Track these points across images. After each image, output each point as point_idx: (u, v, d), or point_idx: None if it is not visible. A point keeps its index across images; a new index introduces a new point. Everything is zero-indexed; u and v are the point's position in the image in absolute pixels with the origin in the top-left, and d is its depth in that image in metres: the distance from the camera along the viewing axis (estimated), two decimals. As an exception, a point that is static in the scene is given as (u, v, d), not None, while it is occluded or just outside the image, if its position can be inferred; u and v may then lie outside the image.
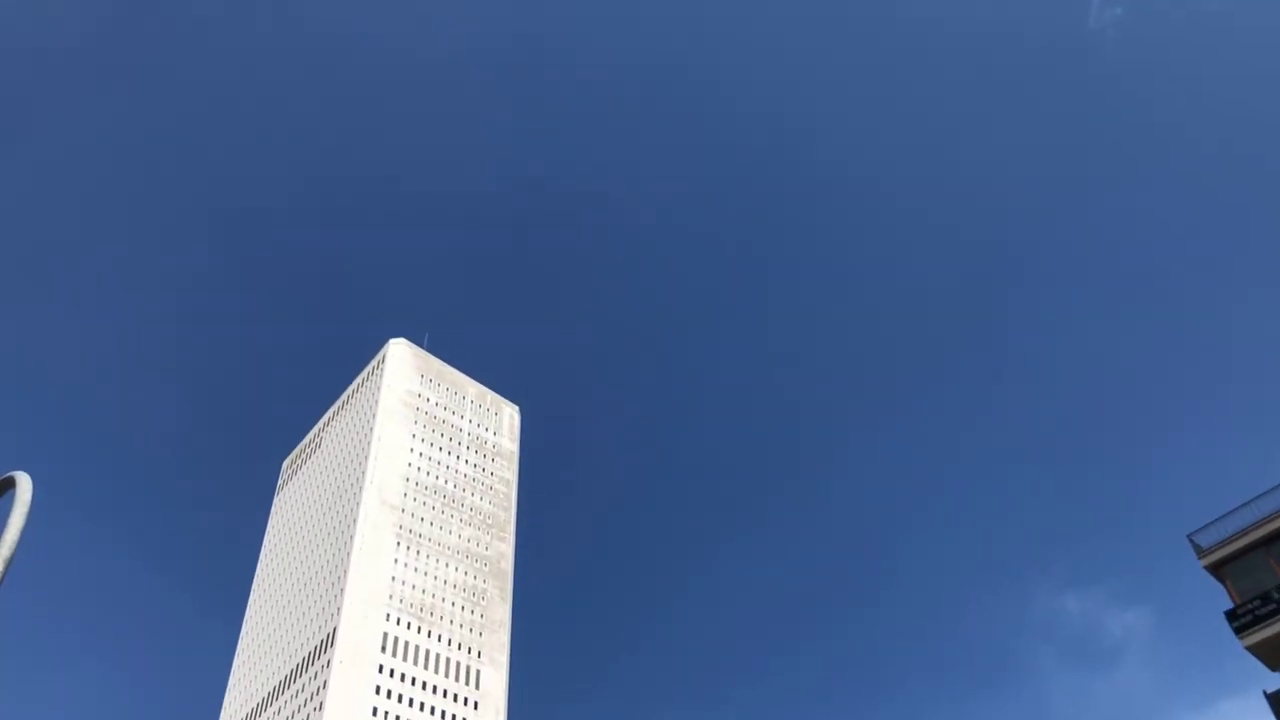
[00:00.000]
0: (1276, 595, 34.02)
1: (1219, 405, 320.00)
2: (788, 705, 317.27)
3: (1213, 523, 36.92)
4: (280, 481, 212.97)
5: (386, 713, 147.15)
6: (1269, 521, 35.52)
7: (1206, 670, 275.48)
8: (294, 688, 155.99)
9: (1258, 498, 36.12)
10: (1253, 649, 34.52)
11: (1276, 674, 35.03)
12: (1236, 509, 36.51)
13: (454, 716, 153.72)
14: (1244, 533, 35.82)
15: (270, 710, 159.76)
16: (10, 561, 13.81)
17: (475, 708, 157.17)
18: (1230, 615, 34.85)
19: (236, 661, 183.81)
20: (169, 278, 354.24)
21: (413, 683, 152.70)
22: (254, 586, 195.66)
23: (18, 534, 13.91)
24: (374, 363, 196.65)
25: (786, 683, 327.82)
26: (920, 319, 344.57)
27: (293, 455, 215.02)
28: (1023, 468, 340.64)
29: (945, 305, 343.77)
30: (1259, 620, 33.92)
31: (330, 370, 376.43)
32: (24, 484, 14.40)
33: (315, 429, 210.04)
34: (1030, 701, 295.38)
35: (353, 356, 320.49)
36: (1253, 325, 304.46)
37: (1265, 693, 33.29)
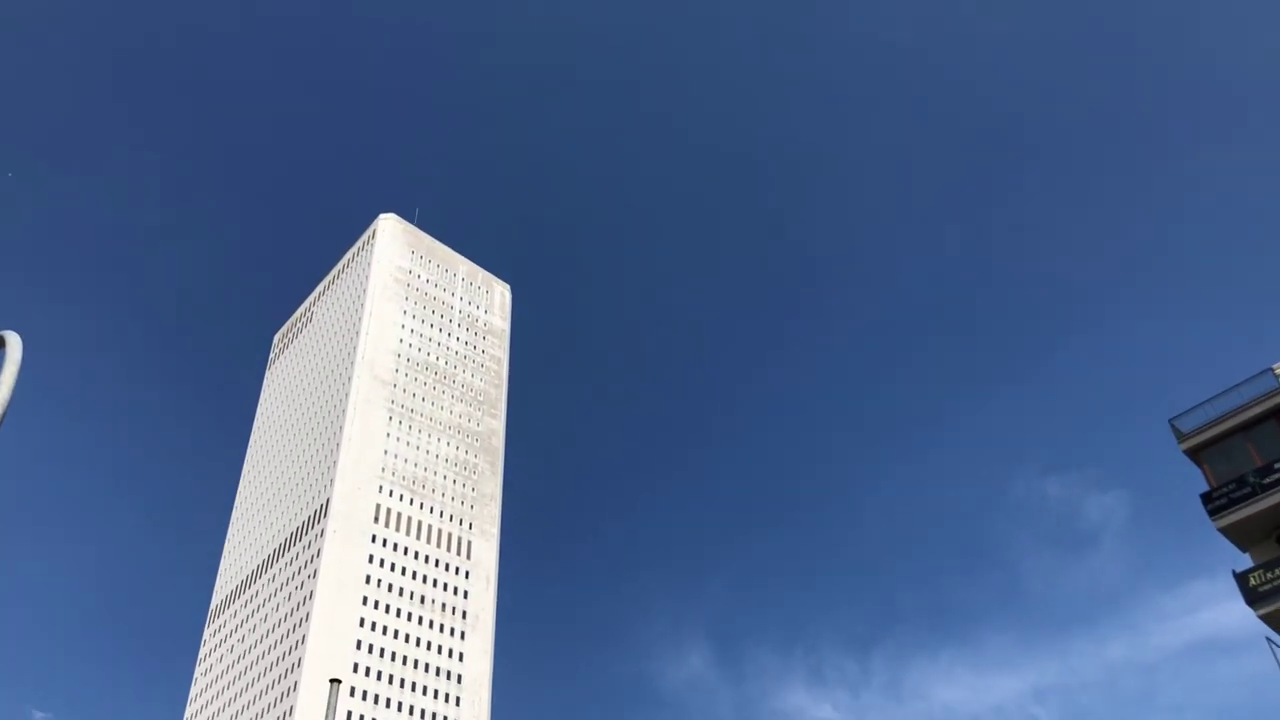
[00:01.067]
0: (1251, 479, 34.70)
1: (1207, 291, 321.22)
2: (771, 575, 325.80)
3: (1195, 408, 37.41)
4: (272, 355, 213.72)
5: (380, 580, 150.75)
6: (1249, 408, 36.00)
7: (1179, 553, 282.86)
8: (288, 556, 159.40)
9: (1241, 384, 36.54)
10: (1225, 530, 35.36)
11: (1246, 555, 36.00)
12: (1219, 395, 36.97)
13: (445, 585, 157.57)
14: (1224, 418, 36.33)
15: (265, 577, 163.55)
16: (1, 422, 13.91)
17: (466, 577, 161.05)
18: (1206, 498, 35.59)
19: (231, 530, 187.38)
20: (162, 147, 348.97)
21: (405, 552, 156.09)
22: (248, 457, 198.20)
23: (9, 393, 13.98)
24: (364, 237, 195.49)
25: (770, 553, 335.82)
26: (913, 166, 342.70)
27: (284, 328, 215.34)
28: (1010, 354, 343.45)
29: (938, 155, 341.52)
30: (1233, 503, 34.68)
31: (321, 243, 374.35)
32: (14, 343, 14.42)
33: (306, 303, 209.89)
34: (1004, 582, 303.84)
35: (343, 230, 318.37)
36: (1245, 212, 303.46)
37: (1234, 572, 34.22)
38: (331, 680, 25.32)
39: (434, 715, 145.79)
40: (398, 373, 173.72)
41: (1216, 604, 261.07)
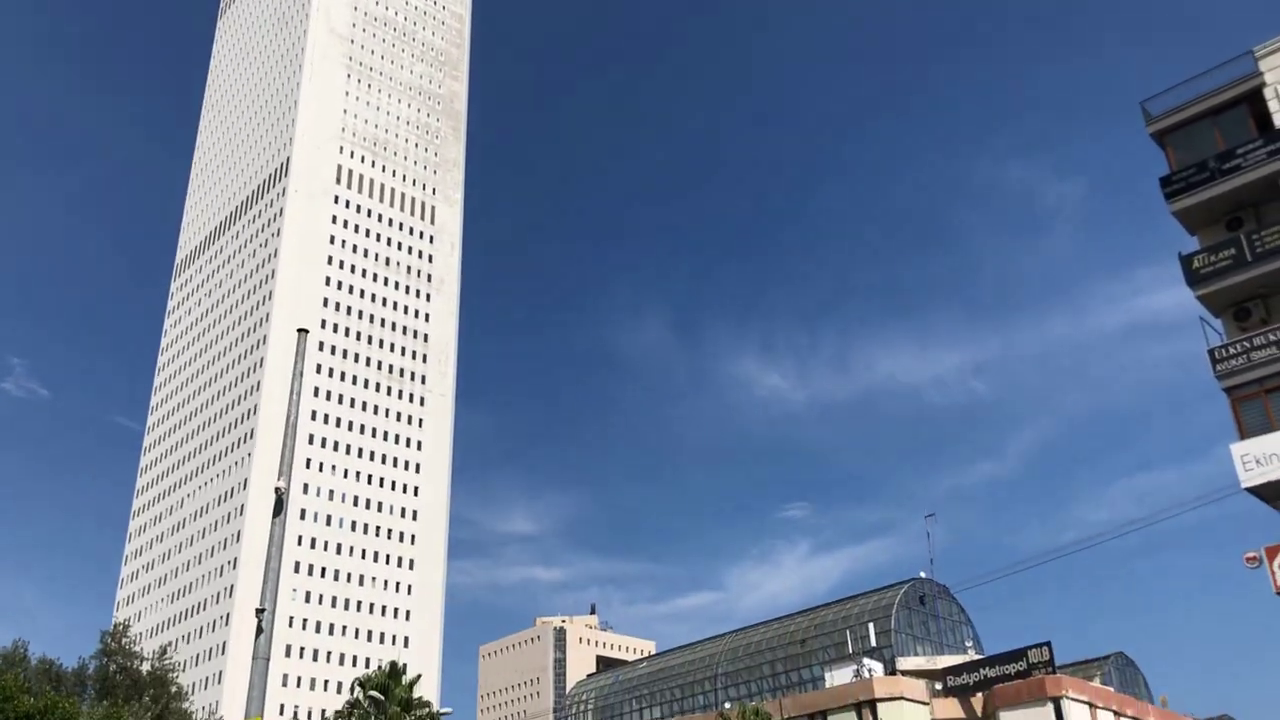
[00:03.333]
0: (1212, 164, 34.93)
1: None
2: (730, 248, 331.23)
3: (1168, 90, 37.00)
4: (223, 2, 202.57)
5: (344, 241, 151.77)
6: (1220, 92, 35.66)
7: (1131, 238, 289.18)
8: (251, 213, 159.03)
9: (1217, 67, 35.99)
10: (1179, 214, 35.98)
11: (1195, 240, 36.88)
12: (1194, 77, 36.44)
13: (410, 249, 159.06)
14: (1194, 101, 36.04)
15: (229, 234, 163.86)
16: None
17: (431, 241, 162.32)
18: (1164, 181, 35.93)
19: (192, 185, 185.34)
20: None
21: (369, 214, 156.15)
22: (204, 110, 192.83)
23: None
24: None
25: (731, 227, 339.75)
26: None
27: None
28: (1000, 49, 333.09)
29: None
30: (1191, 187, 35.08)
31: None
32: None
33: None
34: (957, 264, 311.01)
35: None
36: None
37: (1180, 254, 35.19)
38: (299, 330, 25.97)
39: (401, 370, 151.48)
40: (355, 27, 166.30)
41: (1158, 289, 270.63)
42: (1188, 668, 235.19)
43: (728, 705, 66.76)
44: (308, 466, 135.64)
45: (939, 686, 74.87)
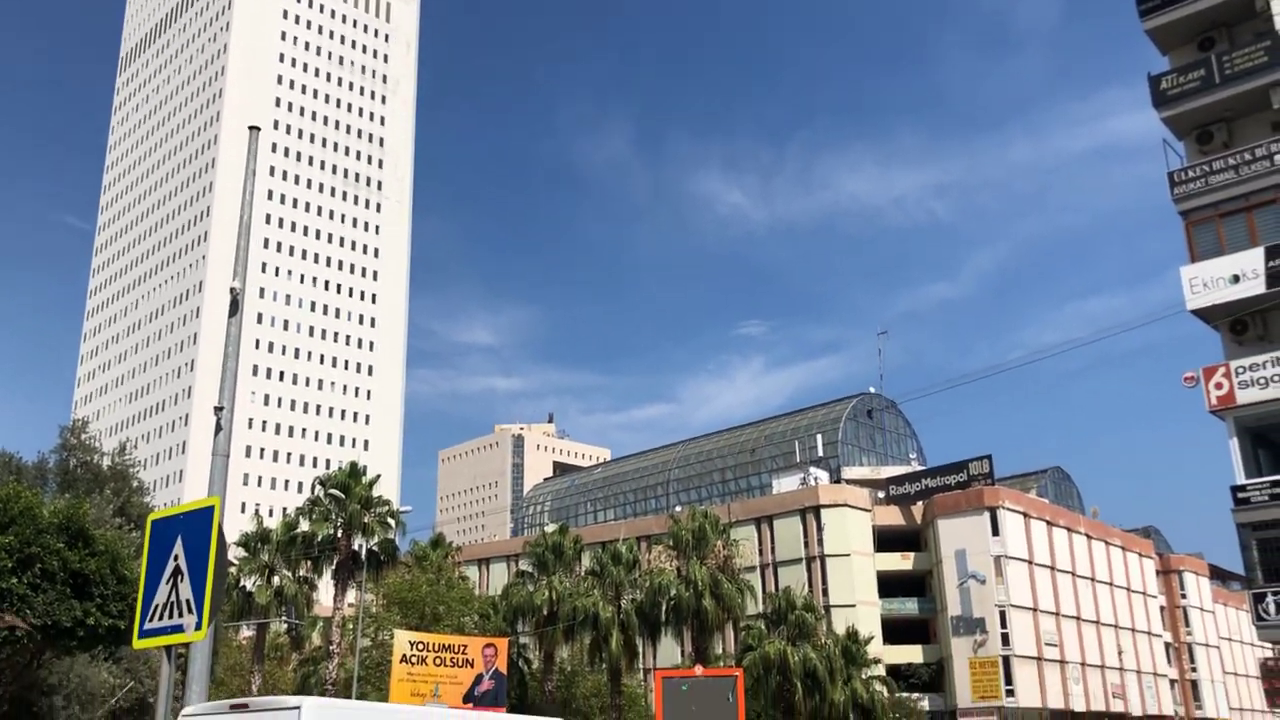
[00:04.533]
0: (1191, -20, 34.20)
1: None
2: (693, 59, 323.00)
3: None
4: None
5: (296, 38, 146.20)
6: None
7: (1101, 59, 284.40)
8: (196, 6, 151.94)
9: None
10: (1153, 32, 35.36)
11: (1166, 60, 36.42)
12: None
13: (365, 47, 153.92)
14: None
15: (174, 28, 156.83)
16: None
17: (386, 40, 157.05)
18: (1141, -2, 35.20)
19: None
20: None
21: (321, 10, 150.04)
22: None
23: None
24: None
25: (694, 36, 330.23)
26: None
27: None
28: None
29: None
30: (1166, 2, 34.44)
31: None
32: None
33: None
34: (925, 84, 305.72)
35: None
36: None
37: (1149, 74, 34.80)
38: (251, 127, 25.12)
39: (356, 175, 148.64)
40: None
41: (1125, 112, 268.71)
42: (1120, 483, 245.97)
43: (679, 509, 69.18)
44: (263, 271, 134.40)
45: (882, 495, 77.92)
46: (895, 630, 71.44)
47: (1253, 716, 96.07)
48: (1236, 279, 32.54)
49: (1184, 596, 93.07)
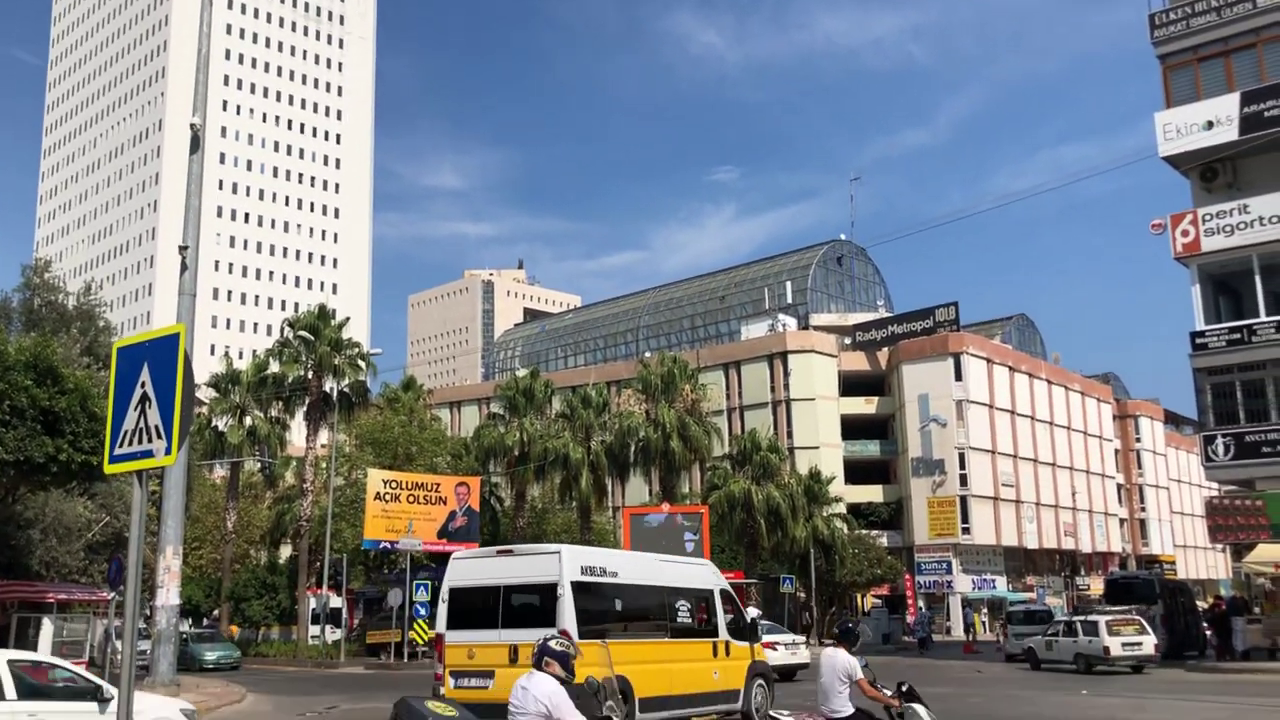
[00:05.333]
0: None
1: None
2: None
3: None
4: None
5: None
6: None
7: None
8: None
9: None
10: None
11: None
12: None
13: None
14: None
15: None
16: None
17: None
18: None
19: None
20: None
21: None
22: None
23: None
24: None
25: None
26: None
27: None
28: None
29: None
30: None
31: None
32: None
33: None
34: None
35: None
36: None
37: (1137, -90, 33.89)
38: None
39: (318, 9, 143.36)
40: None
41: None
42: (1083, 330, 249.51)
43: (648, 354, 69.79)
44: (224, 109, 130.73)
45: (848, 341, 78.84)
46: (857, 471, 73.41)
47: (1195, 553, 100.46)
48: (1210, 125, 32.44)
49: (1138, 440, 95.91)
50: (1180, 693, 22.53)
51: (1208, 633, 35.38)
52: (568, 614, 14.66)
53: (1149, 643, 29.26)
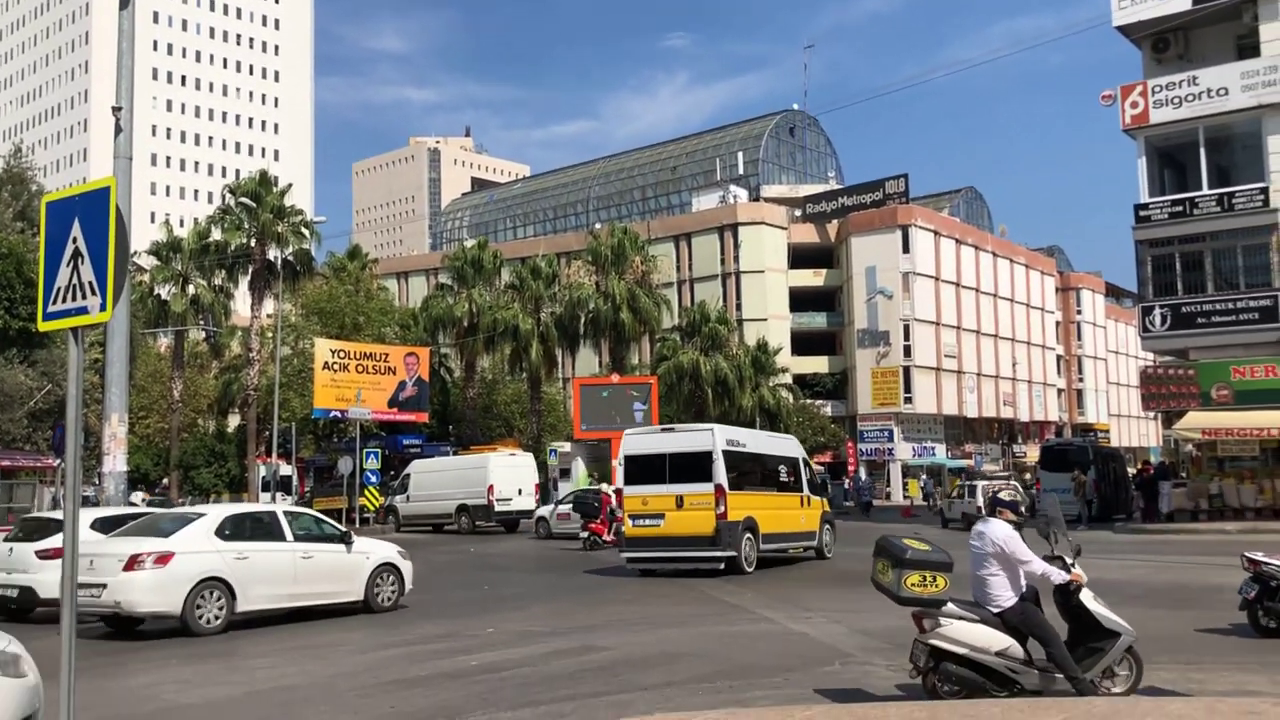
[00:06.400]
0: None
1: None
2: None
3: None
4: None
5: None
6: None
7: None
8: None
9: None
10: None
11: None
12: None
13: None
14: None
15: None
16: None
17: None
18: None
19: None
20: None
21: None
22: None
23: None
24: None
25: None
26: None
27: None
28: None
29: None
30: None
31: None
32: None
33: None
34: None
35: None
36: None
37: None
38: None
39: None
40: None
41: None
42: (1030, 204, 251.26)
43: (598, 225, 69.31)
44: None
45: (799, 213, 78.81)
46: (804, 343, 74.23)
47: (1129, 421, 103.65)
48: (1164, -7, 32.20)
49: (1079, 312, 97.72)
50: (1105, 553, 23.51)
51: (1136, 496, 36.76)
52: (720, 472, 19.28)
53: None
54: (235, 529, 14.21)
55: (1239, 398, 30.06)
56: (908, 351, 71.67)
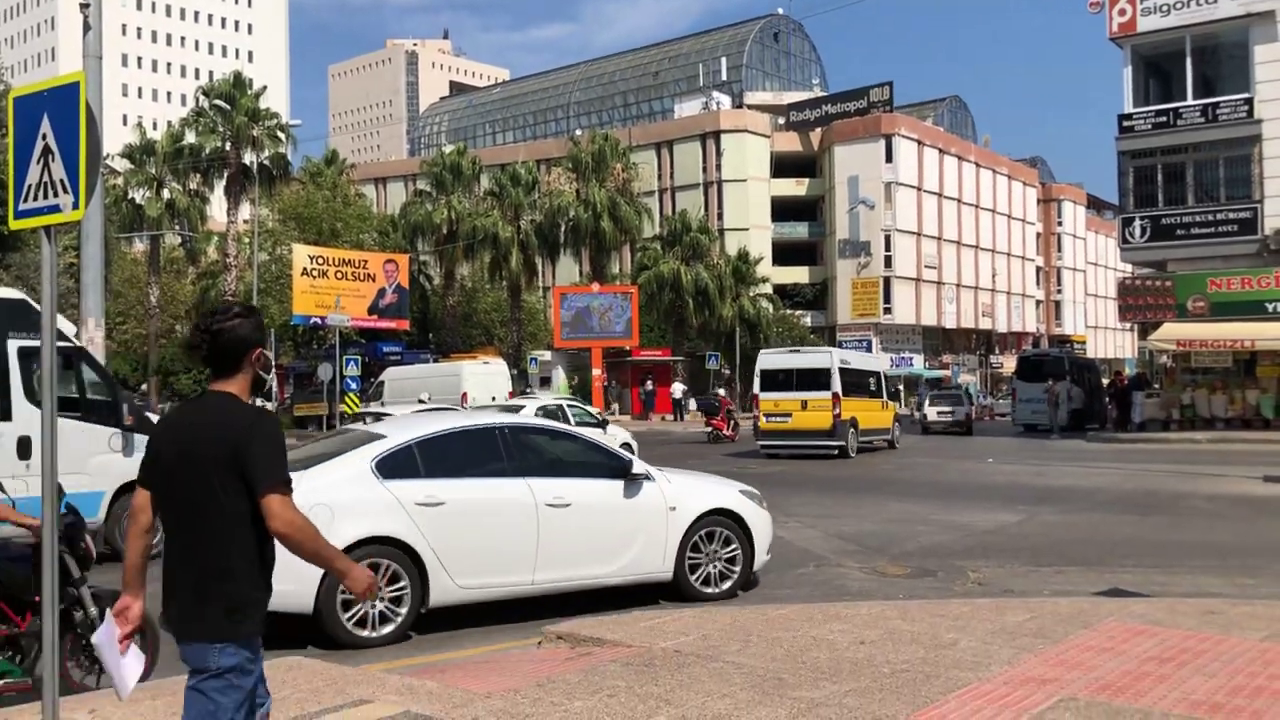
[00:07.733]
0: None
1: None
2: None
3: None
4: None
5: None
6: None
7: None
8: None
9: None
10: None
11: None
12: None
13: None
14: None
15: None
16: None
17: None
18: None
19: None
20: None
21: None
22: None
23: None
24: None
25: None
26: None
27: None
28: None
29: None
30: None
31: None
32: None
33: None
34: None
35: None
36: None
37: None
38: None
39: None
40: None
41: None
42: (1014, 114, 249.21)
43: (579, 132, 68.43)
44: None
45: (782, 121, 77.97)
46: (785, 253, 74.04)
47: (1105, 333, 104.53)
48: (1157, -103, 31.58)
49: (1060, 224, 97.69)
50: (1077, 461, 23.92)
51: (1109, 406, 37.25)
52: (837, 383, 25.49)
53: (960, 412, 37.63)
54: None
55: (1215, 309, 30.30)
56: (888, 262, 71.64)
